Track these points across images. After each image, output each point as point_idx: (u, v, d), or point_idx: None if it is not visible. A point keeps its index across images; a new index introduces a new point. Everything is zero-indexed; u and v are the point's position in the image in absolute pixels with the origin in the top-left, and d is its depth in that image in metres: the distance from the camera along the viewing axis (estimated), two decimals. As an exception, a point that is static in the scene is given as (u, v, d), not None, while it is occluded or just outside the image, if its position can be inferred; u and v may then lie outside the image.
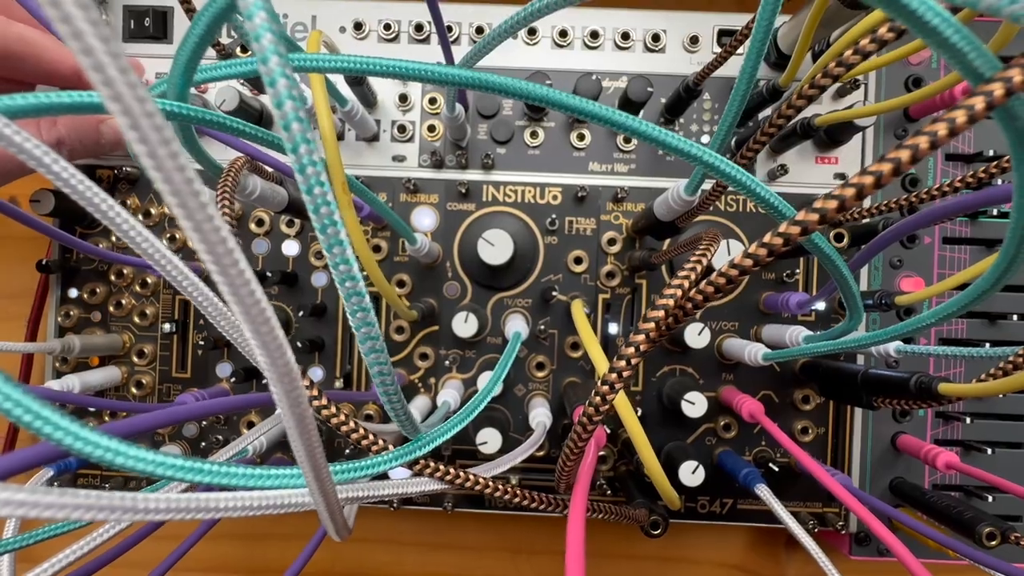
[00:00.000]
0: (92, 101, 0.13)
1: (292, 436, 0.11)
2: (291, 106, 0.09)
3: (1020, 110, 0.11)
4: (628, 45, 0.32)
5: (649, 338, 0.14)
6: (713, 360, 0.32)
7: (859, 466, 0.32)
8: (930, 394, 0.22)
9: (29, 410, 0.08)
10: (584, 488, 0.17)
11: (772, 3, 0.16)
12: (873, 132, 0.32)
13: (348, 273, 0.11)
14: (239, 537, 0.39)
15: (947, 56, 0.11)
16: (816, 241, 0.15)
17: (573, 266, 0.32)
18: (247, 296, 0.09)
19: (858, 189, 0.11)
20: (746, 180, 0.14)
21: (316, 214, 0.10)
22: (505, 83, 0.15)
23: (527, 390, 0.32)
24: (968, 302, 0.17)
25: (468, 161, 0.33)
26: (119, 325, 0.33)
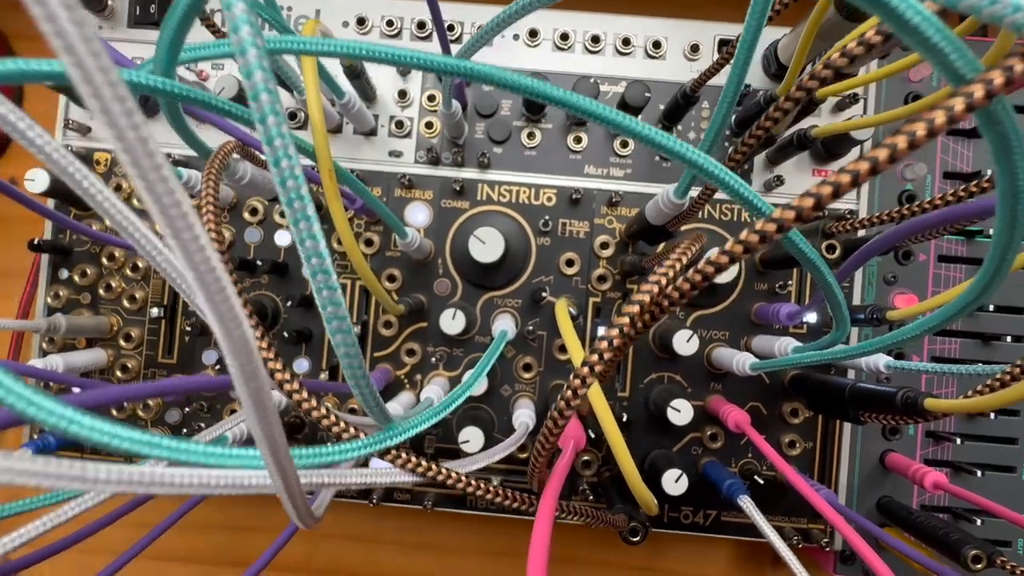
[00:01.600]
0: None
1: (248, 412, 0.11)
2: (260, 76, 0.09)
3: (1001, 114, 0.11)
4: (629, 51, 0.32)
5: (623, 333, 0.14)
6: (702, 369, 0.32)
7: (846, 483, 0.32)
8: (916, 409, 0.22)
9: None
10: (556, 487, 0.17)
11: (760, 10, 0.16)
12: (871, 147, 0.32)
13: (314, 250, 0.11)
14: (225, 529, 0.39)
15: (928, 56, 0.11)
16: (794, 239, 0.15)
17: (565, 268, 0.32)
18: (201, 263, 0.09)
19: (834, 187, 0.10)
20: (726, 177, 0.14)
21: (283, 187, 0.10)
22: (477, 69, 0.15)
23: (513, 391, 0.32)
24: (953, 313, 0.16)
25: (464, 159, 0.33)
26: (108, 308, 0.33)
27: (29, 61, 0.13)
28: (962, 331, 0.32)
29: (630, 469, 0.18)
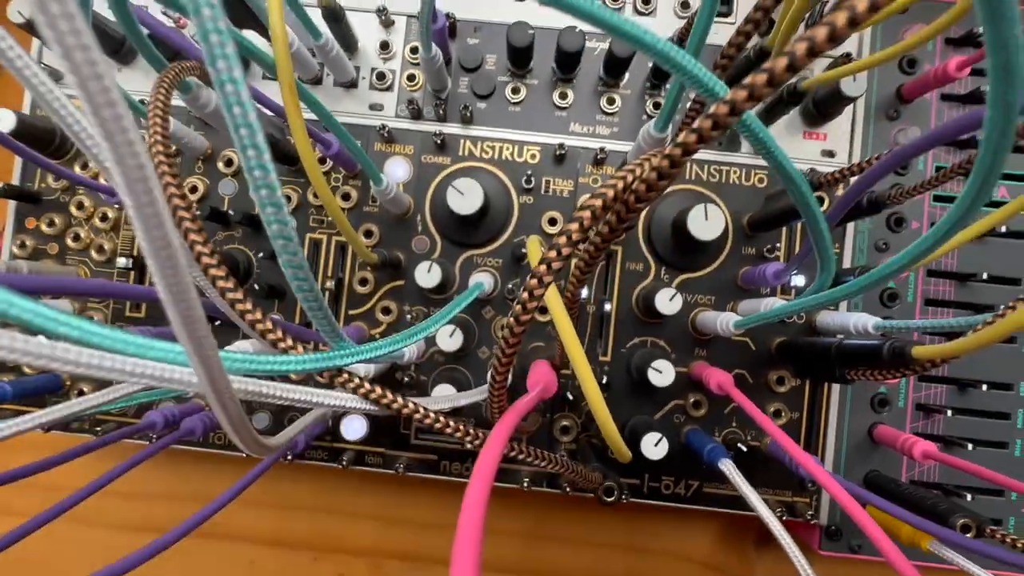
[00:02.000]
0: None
1: (160, 287, 0.10)
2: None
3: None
4: (618, 6, 0.32)
5: (583, 227, 0.13)
6: (687, 334, 0.31)
7: (833, 455, 0.31)
8: (903, 358, 0.21)
9: None
10: (511, 419, 0.16)
11: None
12: (864, 109, 0.31)
13: (259, 161, 0.10)
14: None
15: None
16: (748, 123, 0.14)
17: (547, 227, 0.31)
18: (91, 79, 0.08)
19: (791, 59, 0.10)
20: (684, 61, 0.13)
21: (221, 89, 0.09)
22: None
23: (491, 352, 0.31)
24: (942, 235, 0.15)
25: (447, 114, 0.32)
26: (76, 259, 0.32)
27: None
28: (956, 301, 0.31)
29: (592, 387, 0.16)
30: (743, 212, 0.31)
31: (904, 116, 0.32)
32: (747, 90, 0.10)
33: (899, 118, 0.32)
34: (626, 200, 0.13)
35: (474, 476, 0.12)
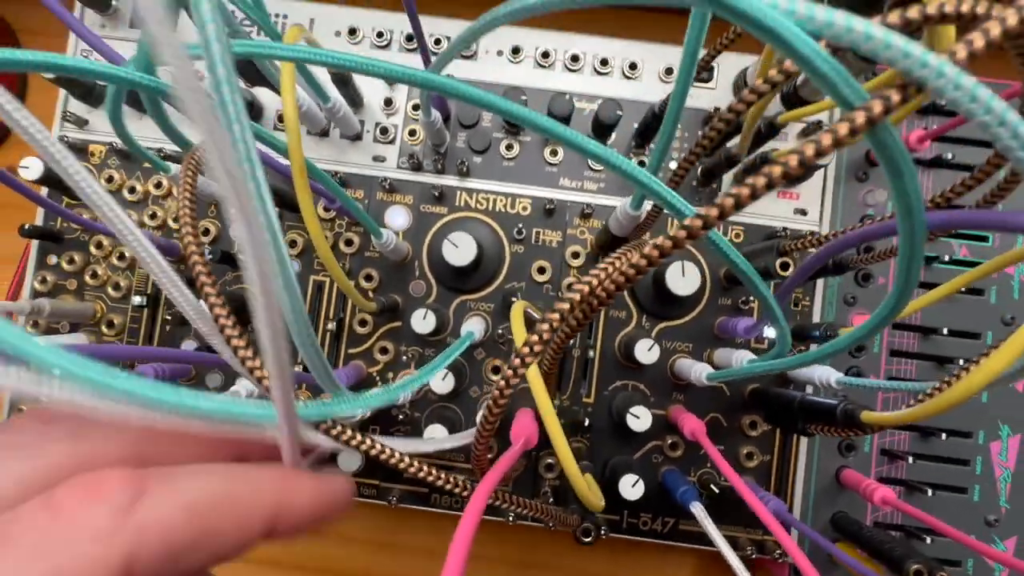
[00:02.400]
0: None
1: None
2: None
3: (887, 139, 0.12)
4: (606, 71, 0.34)
5: (563, 317, 0.15)
6: (665, 379, 0.33)
7: (801, 497, 0.32)
8: (854, 422, 0.23)
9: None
10: (496, 474, 0.18)
11: (694, 37, 0.18)
12: (835, 171, 0.33)
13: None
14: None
15: (821, 85, 0.12)
16: (717, 243, 0.16)
17: (536, 275, 0.33)
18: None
19: (736, 199, 0.12)
20: (646, 180, 0.15)
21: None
22: (457, 88, 0.16)
23: (481, 392, 0.33)
24: (873, 326, 0.18)
25: (445, 167, 0.34)
26: (93, 295, 0.34)
27: (33, 53, 0.14)
28: (918, 353, 0.33)
29: (560, 441, 0.18)
30: (720, 265, 0.33)
31: (872, 178, 0.34)
32: (718, 209, 0.12)
33: (868, 180, 0.34)
34: (602, 293, 0.15)
35: (456, 537, 0.14)
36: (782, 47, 0.12)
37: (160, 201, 0.34)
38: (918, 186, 0.13)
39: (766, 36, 0.12)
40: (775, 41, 0.12)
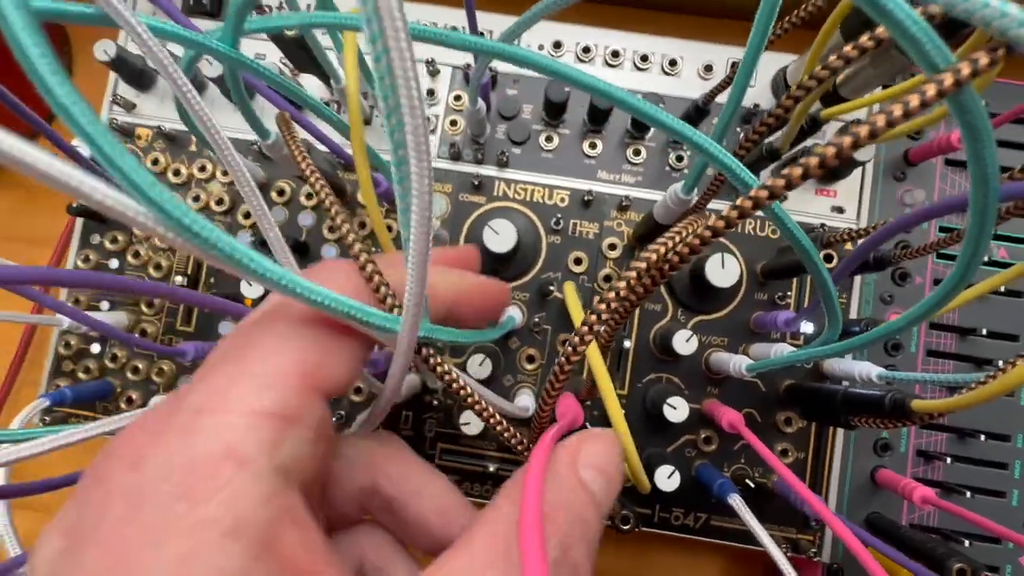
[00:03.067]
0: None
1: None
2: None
3: (970, 103, 0.13)
4: (646, 67, 0.34)
5: (619, 296, 0.15)
6: (700, 373, 0.33)
7: (836, 495, 0.32)
8: (903, 410, 0.23)
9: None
10: (558, 432, 0.18)
11: (763, 26, 0.18)
12: (872, 169, 0.33)
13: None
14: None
15: (907, 45, 0.12)
16: (778, 214, 0.16)
17: (573, 266, 0.33)
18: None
19: (804, 168, 0.12)
20: (717, 152, 0.15)
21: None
22: (531, 57, 0.16)
23: (515, 381, 0.33)
24: (936, 302, 0.17)
25: (484, 157, 0.34)
26: (134, 274, 0.34)
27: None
28: (956, 354, 0.33)
29: (620, 422, 0.18)
30: (757, 260, 0.33)
31: (910, 178, 0.34)
32: (784, 180, 0.12)
33: (906, 179, 0.34)
34: (665, 265, 0.15)
35: (527, 492, 0.14)
36: (874, 9, 0.12)
37: (203, 184, 0.35)
38: (995, 152, 0.13)
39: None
40: (868, 3, 0.12)
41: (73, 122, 0.09)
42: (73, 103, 0.09)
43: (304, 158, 0.18)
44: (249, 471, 0.11)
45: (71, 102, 0.09)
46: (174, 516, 0.10)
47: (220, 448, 0.11)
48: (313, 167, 0.18)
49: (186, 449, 0.11)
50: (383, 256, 0.17)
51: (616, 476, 0.16)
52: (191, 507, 0.10)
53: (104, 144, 0.09)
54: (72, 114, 0.09)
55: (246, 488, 0.11)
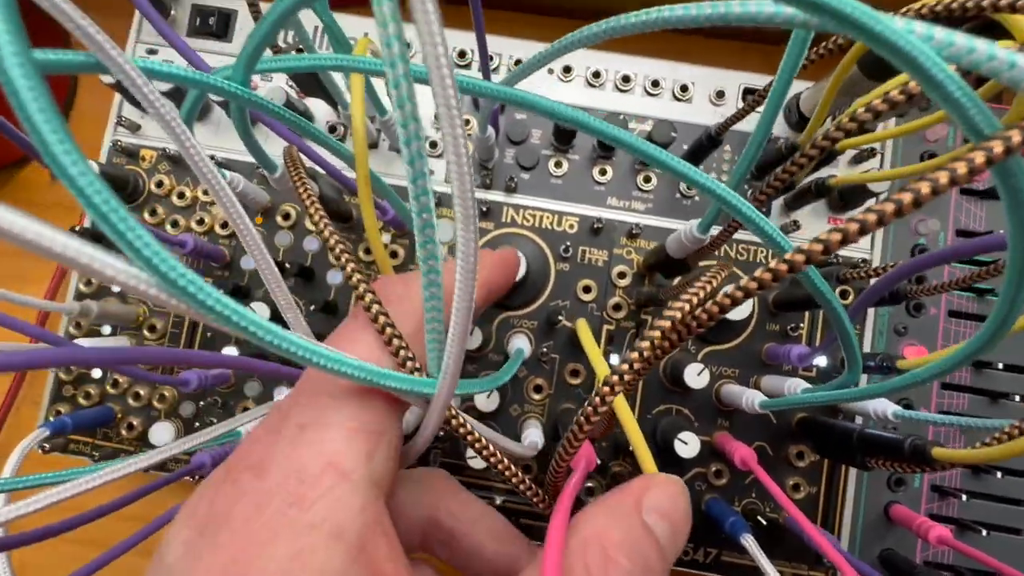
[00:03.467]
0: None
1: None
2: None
3: (1015, 168, 0.12)
4: (657, 92, 0.34)
5: (654, 346, 0.14)
6: (710, 404, 0.32)
7: (849, 531, 0.31)
8: (923, 457, 0.22)
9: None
10: (571, 494, 0.17)
11: (791, 65, 0.18)
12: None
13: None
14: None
15: (953, 112, 0.12)
16: (813, 279, 0.15)
17: (582, 294, 0.33)
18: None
19: (843, 234, 0.11)
20: (751, 213, 0.15)
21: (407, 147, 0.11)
22: (537, 101, 0.16)
23: (522, 411, 0.33)
24: (962, 359, 0.17)
25: (492, 182, 0.34)
26: (136, 298, 0.34)
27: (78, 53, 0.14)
28: (971, 387, 0.32)
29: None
30: (769, 291, 0.33)
31: (924, 207, 0.33)
32: (822, 245, 0.12)
33: (920, 208, 0.33)
34: (687, 323, 0.15)
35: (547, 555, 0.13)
36: (916, 72, 0.12)
37: (208, 207, 0.34)
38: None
39: (901, 60, 0.12)
40: (910, 66, 0.12)
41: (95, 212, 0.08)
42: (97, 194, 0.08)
43: (312, 202, 0.18)
44: (348, 481, 0.12)
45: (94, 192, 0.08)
46: (288, 519, 0.12)
47: (323, 460, 0.12)
48: (322, 213, 0.18)
49: (296, 460, 0.12)
50: (388, 283, 0.17)
51: (682, 524, 0.15)
52: (301, 512, 0.12)
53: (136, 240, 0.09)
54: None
55: (346, 496, 0.12)
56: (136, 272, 0.10)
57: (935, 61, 0.11)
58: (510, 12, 0.43)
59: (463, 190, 0.10)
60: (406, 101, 0.10)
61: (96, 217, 0.09)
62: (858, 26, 0.11)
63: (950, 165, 0.11)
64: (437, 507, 0.19)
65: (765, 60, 0.42)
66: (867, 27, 0.11)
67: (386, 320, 0.15)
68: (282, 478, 0.12)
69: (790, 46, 0.16)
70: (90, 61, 0.13)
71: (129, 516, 0.25)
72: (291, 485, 0.12)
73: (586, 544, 0.14)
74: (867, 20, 0.11)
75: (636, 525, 0.15)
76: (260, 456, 0.13)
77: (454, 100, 0.10)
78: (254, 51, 0.16)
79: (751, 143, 0.19)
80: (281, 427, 0.13)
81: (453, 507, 0.19)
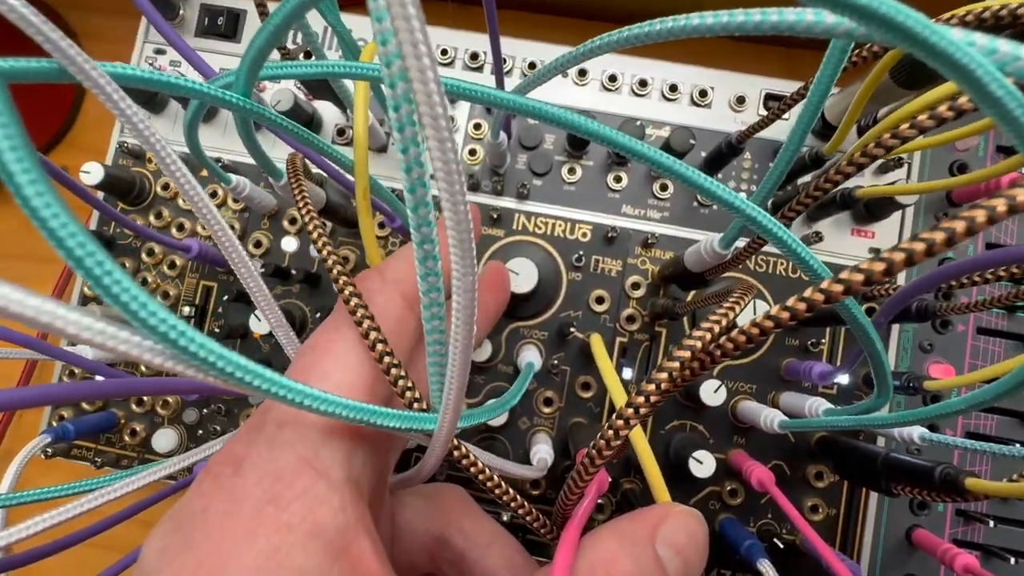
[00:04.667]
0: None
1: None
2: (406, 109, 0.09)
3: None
4: (675, 97, 0.33)
5: (672, 378, 0.14)
6: (726, 421, 0.31)
7: (869, 556, 0.30)
8: (955, 488, 0.21)
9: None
10: (579, 523, 0.17)
11: (829, 76, 0.17)
12: (913, 211, 0.32)
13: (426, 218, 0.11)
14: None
15: (1009, 130, 0.11)
16: (850, 307, 0.14)
17: (594, 305, 0.32)
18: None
19: (888, 265, 0.10)
20: (785, 237, 0.14)
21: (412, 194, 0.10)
22: (551, 112, 0.15)
23: (531, 424, 0.32)
24: (1003, 391, 0.16)
25: (504, 188, 0.33)
26: (141, 302, 0.34)
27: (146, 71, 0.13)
28: (1000, 408, 0.31)
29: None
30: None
31: (949, 218, 0.32)
32: (843, 284, 0.11)
33: (944, 219, 0.32)
34: (710, 352, 0.14)
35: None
36: (976, 90, 0.11)
37: (214, 211, 0.34)
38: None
39: (959, 76, 0.11)
40: (969, 83, 0.11)
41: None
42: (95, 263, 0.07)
43: (312, 218, 0.17)
44: (326, 480, 0.12)
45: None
46: (264, 517, 0.11)
47: (301, 459, 0.12)
48: (322, 231, 0.17)
49: (273, 459, 0.12)
50: (364, 281, 0.17)
51: (697, 561, 0.14)
52: (278, 511, 0.11)
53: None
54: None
55: (324, 495, 0.12)
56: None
57: (999, 80, 0.10)
58: (526, 13, 0.42)
59: (460, 232, 0.09)
60: (403, 103, 0.09)
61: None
62: (911, 36, 0.10)
63: (988, 203, 0.10)
64: (448, 526, 0.18)
65: (786, 62, 0.41)
66: (922, 38, 0.10)
67: (384, 349, 0.14)
68: (259, 476, 0.12)
69: (827, 57, 0.15)
70: (53, 68, 0.12)
71: (145, 521, 0.25)
72: (267, 483, 0.12)
73: (593, 569, 0.14)
74: (923, 31, 0.10)
75: (648, 556, 0.14)
76: (239, 453, 0.13)
77: (440, 107, 0.08)
78: (255, 59, 0.15)
79: (780, 159, 0.18)
80: (262, 425, 0.13)
81: (465, 526, 0.19)
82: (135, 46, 0.35)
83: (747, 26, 0.12)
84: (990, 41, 0.10)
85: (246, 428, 0.13)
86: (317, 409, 0.11)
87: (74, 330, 0.07)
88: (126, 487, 0.19)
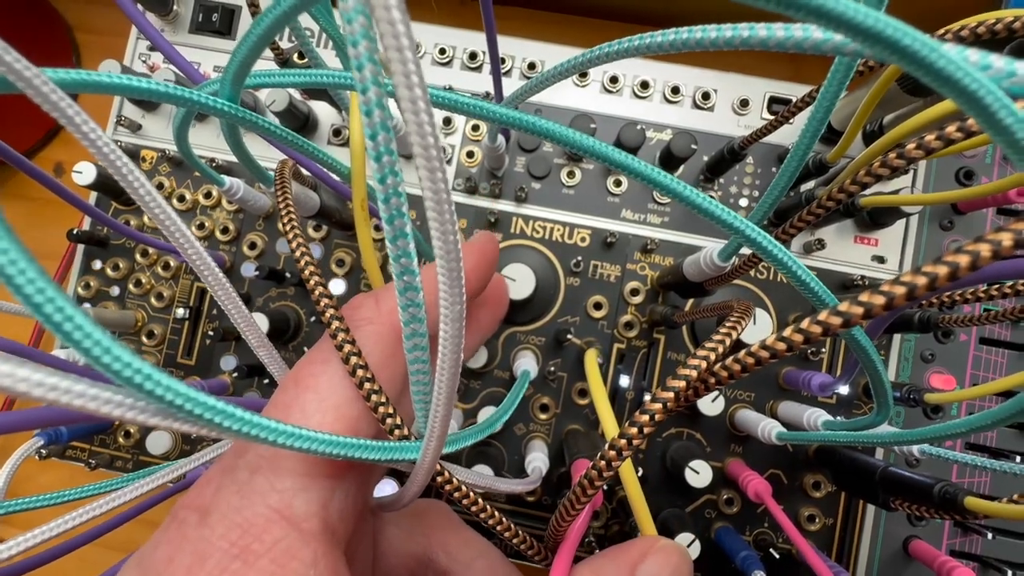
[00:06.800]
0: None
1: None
2: (379, 115, 0.09)
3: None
4: (677, 100, 0.32)
5: (667, 408, 0.13)
6: (723, 429, 0.31)
7: (865, 566, 0.30)
8: (954, 506, 0.21)
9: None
10: (571, 548, 0.16)
11: (834, 91, 0.16)
12: (918, 219, 0.31)
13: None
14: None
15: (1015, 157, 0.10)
16: (856, 336, 0.14)
17: (592, 311, 0.31)
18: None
19: (889, 299, 0.10)
20: (786, 259, 0.13)
21: (385, 204, 0.09)
22: (544, 127, 0.15)
23: (527, 430, 0.31)
24: (1008, 415, 0.15)
25: (502, 191, 0.32)
26: (135, 303, 0.33)
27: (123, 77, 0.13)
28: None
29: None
30: (788, 311, 0.31)
31: (958, 227, 0.32)
32: (863, 307, 0.10)
33: (953, 229, 0.32)
34: (705, 379, 0.14)
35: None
36: (973, 108, 0.10)
37: (208, 211, 0.33)
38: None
39: (958, 96, 0.10)
40: (967, 101, 0.10)
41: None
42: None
43: (293, 228, 0.17)
44: (299, 531, 0.12)
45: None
46: (231, 573, 0.11)
47: (272, 509, 0.12)
48: (301, 240, 0.16)
49: (242, 509, 0.12)
50: (354, 309, 0.15)
51: None
52: (245, 567, 0.11)
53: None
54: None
55: (295, 549, 0.11)
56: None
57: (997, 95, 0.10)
58: (525, 9, 0.41)
59: (447, 246, 0.09)
60: (375, 107, 0.09)
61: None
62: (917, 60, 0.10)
63: (1015, 226, 0.10)
64: (431, 545, 0.18)
65: (791, 65, 0.40)
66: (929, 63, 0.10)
67: (372, 387, 0.14)
68: (226, 528, 0.11)
69: (833, 71, 0.15)
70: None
71: (151, 521, 0.25)
72: (235, 536, 0.11)
73: None
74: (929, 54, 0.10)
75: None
76: (206, 501, 0.12)
77: (424, 115, 0.08)
78: (241, 65, 0.14)
79: (781, 174, 0.17)
80: (233, 469, 0.12)
81: (449, 545, 0.18)
82: (128, 43, 0.34)
83: (752, 41, 0.12)
84: (1008, 63, 0.10)
85: (218, 469, 0.13)
86: (292, 446, 0.10)
87: (24, 387, 0.07)
88: (122, 496, 0.18)
